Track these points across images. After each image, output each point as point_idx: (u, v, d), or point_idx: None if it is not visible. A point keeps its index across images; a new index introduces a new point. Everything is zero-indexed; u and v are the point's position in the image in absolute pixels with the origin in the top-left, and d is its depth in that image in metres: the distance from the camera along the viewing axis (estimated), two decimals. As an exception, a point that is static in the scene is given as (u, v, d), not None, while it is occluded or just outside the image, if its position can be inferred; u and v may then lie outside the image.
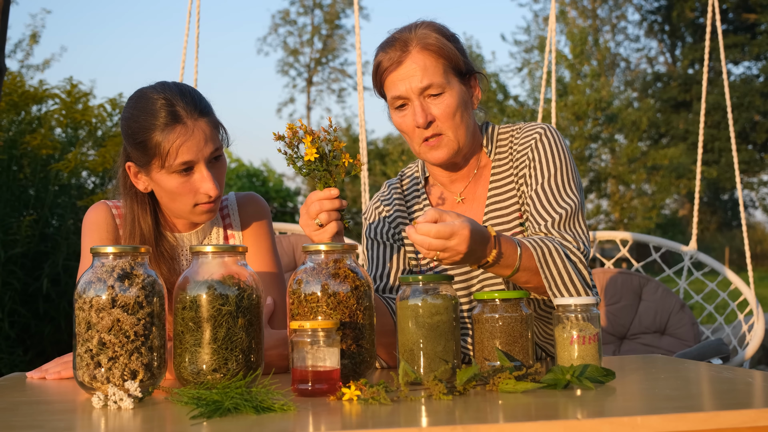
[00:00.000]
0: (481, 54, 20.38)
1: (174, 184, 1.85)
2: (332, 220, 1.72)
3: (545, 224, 1.90)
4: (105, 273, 1.45)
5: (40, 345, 4.60)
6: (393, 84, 1.95)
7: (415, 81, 1.92)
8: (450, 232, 1.58)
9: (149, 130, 1.82)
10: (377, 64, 1.99)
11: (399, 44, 1.95)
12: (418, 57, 1.93)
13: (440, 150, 1.97)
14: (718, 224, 28.26)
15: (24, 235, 4.44)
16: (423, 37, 1.94)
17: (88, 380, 1.44)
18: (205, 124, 1.85)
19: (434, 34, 1.95)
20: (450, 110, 1.94)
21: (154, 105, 1.83)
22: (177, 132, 1.81)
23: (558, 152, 1.98)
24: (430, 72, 1.92)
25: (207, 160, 1.86)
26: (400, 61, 1.94)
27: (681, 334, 3.65)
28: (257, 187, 20.37)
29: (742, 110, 24.61)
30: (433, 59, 1.93)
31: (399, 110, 1.98)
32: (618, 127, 19.63)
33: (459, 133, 1.97)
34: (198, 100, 1.87)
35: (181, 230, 2.02)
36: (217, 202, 1.91)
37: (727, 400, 1.34)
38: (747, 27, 26.91)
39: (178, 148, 1.81)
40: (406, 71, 1.93)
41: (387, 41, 1.99)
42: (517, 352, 1.59)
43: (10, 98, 4.79)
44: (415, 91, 1.93)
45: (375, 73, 2.01)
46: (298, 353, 1.44)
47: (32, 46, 10.55)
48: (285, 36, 31.76)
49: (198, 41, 3.78)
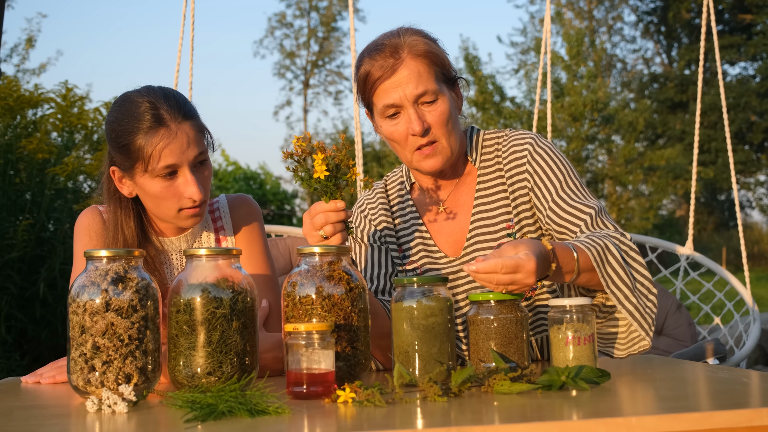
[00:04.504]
0: (477, 56, 20.33)
1: (158, 188, 1.84)
2: (337, 232, 1.71)
3: (582, 226, 1.86)
4: (99, 277, 1.45)
5: (37, 349, 4.59)
6: (386, 92, 1.91)
7: (409, 88, 1.89)
8: (515, 266, 1.54)
9: (132, 134, 1.81)
10: (366, 73, 1.93)
11: (389, 51, 1.91)
12: (412, 64, 1.89)
13: (435, 158, 1.94)
14: (715, 224, 28.27)
15: (20, 240, 4.44)
16: (414, 44, 1.91)
17: (83, 384, 1.44)
18: (189, 128, 1.84)
19: (424, 39, 1.93)
20: (444, 117, 1.92)
21: (138, 108, 1.82)
22: (160, 135, 1.80)
23: (557, 159, 1.96)
24: (424, 79, 1.90)
25: (191, 164, 1.85)
26: (394, 69, 1.89)
27: (678, 334, 3.66)
28: (254, 189, 20.35)
29: (739, 111, 24.63)
30: (426, 66, 1.91)
31: (391, 119, 1.94)
32: (615, 128, 19.64)
33: (452, 140, 1.95)
34: (182, 104, 1.86)
35: (169, 234, 2.00)
36: (203, 206, 1.89)
37: (723, 400, 1.34)
38: (743, 27, 26.94)
39: (161, 151, 1.80)
40: (399, 79, 1.89)
41: (374, 48, 1.94)
42: (512, 353, 1.58)
43: (6, 102, 4.78)
44: (410, 99, 1.89)
45: (364, 81, 1.94)
46: (293, 356, 1.43)
47: (28, 50, 10.57)
48: (281, 39, 31.75)
49: (193, 44, 3.78)
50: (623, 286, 1.74)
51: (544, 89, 15.00)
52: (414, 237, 2.08)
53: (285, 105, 32.12)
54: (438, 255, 2.04)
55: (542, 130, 15.90)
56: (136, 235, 1.93)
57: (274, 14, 35.93)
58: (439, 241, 2.05)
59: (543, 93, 22.27)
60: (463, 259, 2.01)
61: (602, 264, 1.72)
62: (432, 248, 2.05)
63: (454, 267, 2.02)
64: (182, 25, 3.79)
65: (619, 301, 1.73)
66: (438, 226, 2.07)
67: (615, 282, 1.74)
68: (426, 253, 2.06)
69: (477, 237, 2.00)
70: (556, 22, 22.89)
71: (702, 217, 27.36)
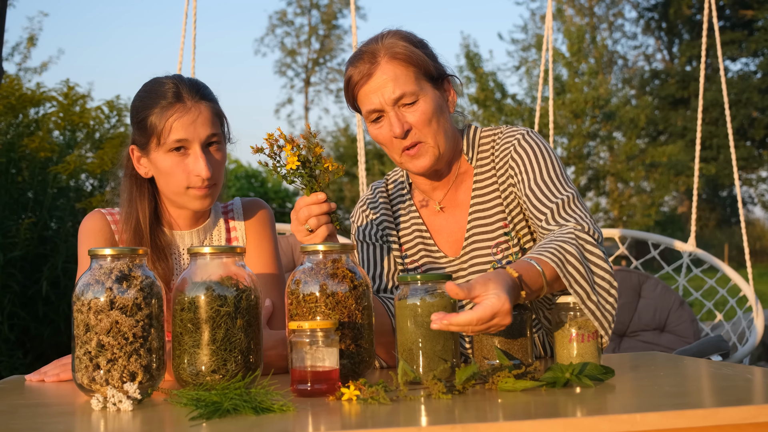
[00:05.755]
0: (478, 53, 20.28)
1: (168, 163, 1.88)
2: (321, 224, 1.72)
3: (545, 218, 1.86)
4: (103, 275, 1.45)
5: (40, 348, 4.60)
6: (366, 97, 1.92)
7: (387, 92, 1.89)
8: (491, 314, 1.49)
9: (150, 108, 1.88)
10: (347, 79, 1.95)
11: (367, 56, 1.92)
12: (388, 67, 1.90)
13: (422, 158, 1.93)
14: (717, 221, 28.24)
15: (23, 238, 4.44)
16: (390, 47, 1.91)
17: (87, 382, 1.44)
18: (205, 108, 1.89)
19: (401, 42, 1.92)
20: (426, 117, 1.91)
21: (162, 87, 1.89)
22: (175, 109, 1.86)
23: (541, 151, 1.95)
24: (401, 81, 1.89)
25: (203, 143, 1.88)
26: (370, 74, 1.90)
27: (680, 331, 3.65)
28: (256, 187, 20.35)
29: (740, 107, 24.59)
30: (403, 68, 1.90)
31: (375, 123, 1.95)
32: (616, 124, 19.60)
33: (438, 138, 1.93)
34: (203, 87, 1.93)
35: (182, 227, 2.01)
36: (212, 190, 1.91)
37: (727, 396, 1.34)
38: (744, 23, 26.89)
39: (172, 123, 1.86)
40: (377, 83, 1.90)
41: (355, 55, 1.96)
42: (515, 350, 1.59)
43: (8, 101, 4.78)
44: (389, 102, 1.90)
45: (346, 88, 1.97)
46: (297, 354, 1.44)
47: (30, 49, 10.56)
48: (282, 37, 31.75)
49: (195, 42, 3.78)
50: (585, 284, 1.70)
51: (545, 86, 14.98)
52: (414, 236, 2.08)
53: (286, 103, 32.14)
54: (438, 255, 2.04)
55: (544, 127, 15.89)
56: (149, 216, 1.95)
57: (275, 12, 35.91)
58: (439, 241, 2.05)
59: (544, 90, 22.24)
60: (462, 259, 2.01)
61: (563, 266, 1.68)
62: (432, 248, 2.05)
63: (454, 267, 2.02)
64: (184, 24, 3.79)
65: (582, 300, 1.69)
66: (437, 226, 2.07)
67: (578, 281, 1.69)
68: (426, 253, 2.06)
69: (474, 237, 2.00)
70: (557, 18, 22.87)
71: (704, 214, 27.33)
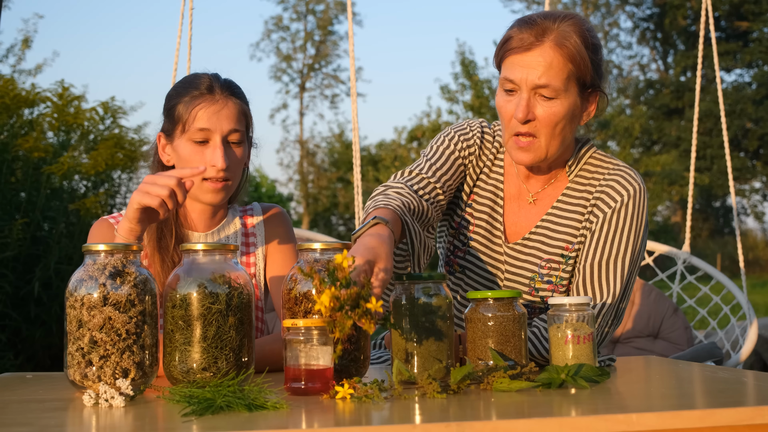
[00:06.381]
0: (474, 60, 20.34)
1: (188, 151, 1.91)
2: None
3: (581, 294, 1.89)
4: (96, 271, 1.44)
5: (31, 349, 4.57)
6: (512, 65, 1.84)
7: (533, 74, 1.81)
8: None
9: (181, 97, 1.93)
10: (506, 38, 1.86)
11: (537, 30, 1.81)
12: (549, 52, 1.81)
13: (527, 154, 1.87)
14: (710, 231, 28.30)
15: (15, 239, 4.42)
16: (562, 35, 1.82)
17: (80, 378, 1.43)
18: (232, 103, 1.94)
19: (575, 37, 1.83)
20: (554, 119, 1.84)
21: (198, 80, 1.95)
22: (203, 99, 1.92)
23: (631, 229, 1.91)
24: (553, 72, 1.81)
25: (224, 137, 1.92)
26: (529, 48, 1.81)
27: (674, 338, 3.65)
28: (250, 192, 20.33)
29: (734, 117, 24.65)
30: (562, 60, 1.82)
31: (506, 94, 1.87)
32: (610, 133, 19.66)
33: (552, 143, 1.87)
34: (236, 87, 1.99)
35: (199, 229, 2.02)
36: (226, 186, 1.93)
37: (723, 398, 1.34)
38: (739, 35, 26.99)
39: (198, 112, 1.90)
40: (529, 60, 1.81)
41: (526, 20, 1.86)
42: (509, 351, 1.58)
43: (2, 102, 4.76)
44: (529, 85, 1.82)
45: (501, 45, 1.88)
46: (292, 352, 1.43)
47: (24, 50, 10.51)
48: (278, 42, 31.72)
49: (191, 45, 3.77)
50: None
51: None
52: (487, 196, 2.03)
53: (281, 108, 32.08)
54: (497, 226, 2.01)
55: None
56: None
57: (270, 17, 35.89)
58: (507, 217, 2.02)
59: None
60: (512, 247, 1.99)
61: None
62: (497, 217, 2.02)
63: (500, 248, 2.00)
64: (180, 26, 3.78)
65: None
66: (515, 206, 2.03)
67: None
68: (489, 219, 2.02)
69: (535, 239, 1.97)
70: (553, 27, 22.91)
71: (697, 224, 27.39)
